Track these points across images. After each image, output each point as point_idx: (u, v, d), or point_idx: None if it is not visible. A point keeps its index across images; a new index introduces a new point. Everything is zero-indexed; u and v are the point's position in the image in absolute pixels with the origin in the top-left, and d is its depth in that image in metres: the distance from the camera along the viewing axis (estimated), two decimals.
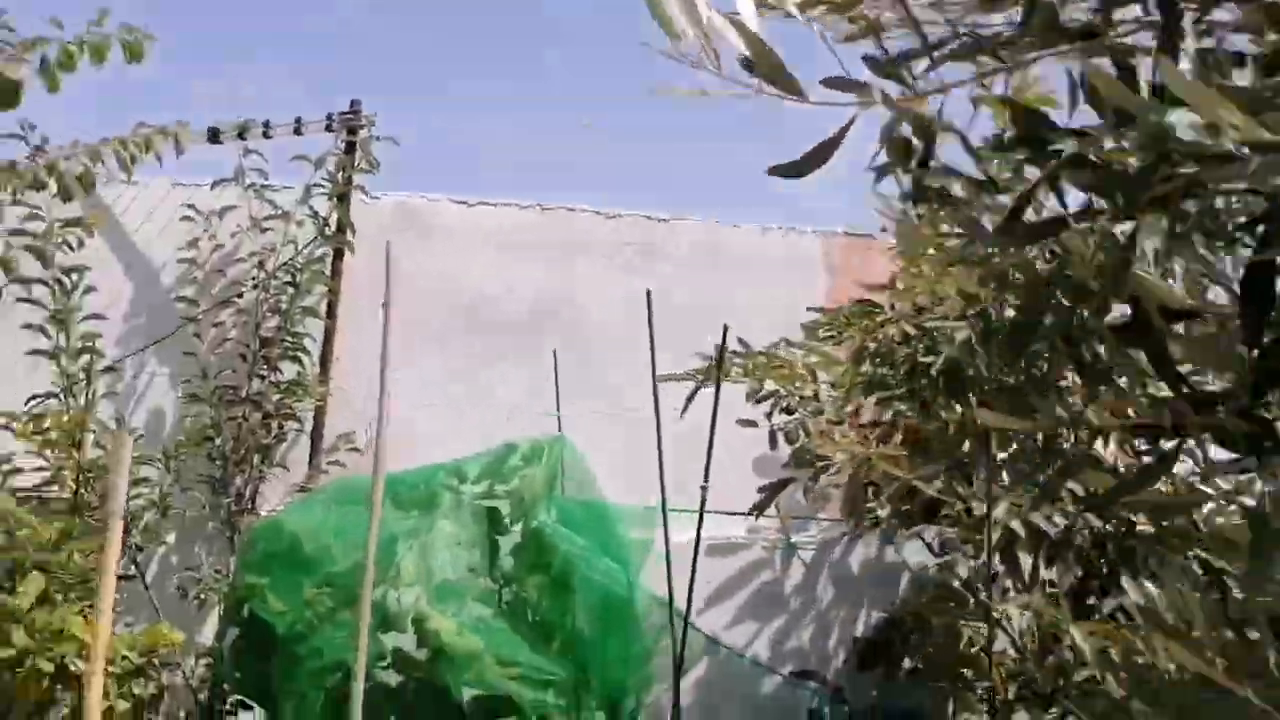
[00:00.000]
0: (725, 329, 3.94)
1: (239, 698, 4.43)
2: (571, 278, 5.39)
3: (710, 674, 4.84)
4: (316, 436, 5.04)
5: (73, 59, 3.97)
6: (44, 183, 4.14)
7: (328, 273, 5.13)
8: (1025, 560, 3.24)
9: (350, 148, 5.24)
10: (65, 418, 4.49)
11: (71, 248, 4.66)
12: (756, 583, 5.05)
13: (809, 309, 4.67)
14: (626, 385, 5.28)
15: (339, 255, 5.20)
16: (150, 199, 5.40)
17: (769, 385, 4.03)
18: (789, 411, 3.94)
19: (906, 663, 4.52)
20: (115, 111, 4.51)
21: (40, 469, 4.67)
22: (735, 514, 4.62)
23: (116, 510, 2.85)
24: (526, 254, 5.42)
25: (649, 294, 4.01)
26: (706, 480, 3.71)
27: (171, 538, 4.93)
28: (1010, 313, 3.82)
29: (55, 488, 4.63)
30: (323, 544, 3.77)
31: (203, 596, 4.65)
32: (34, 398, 4.58)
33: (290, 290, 5.02)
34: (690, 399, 4.06)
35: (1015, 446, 3.70)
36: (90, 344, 4.64)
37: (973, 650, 3.67)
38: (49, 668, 3.94)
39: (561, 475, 3.87)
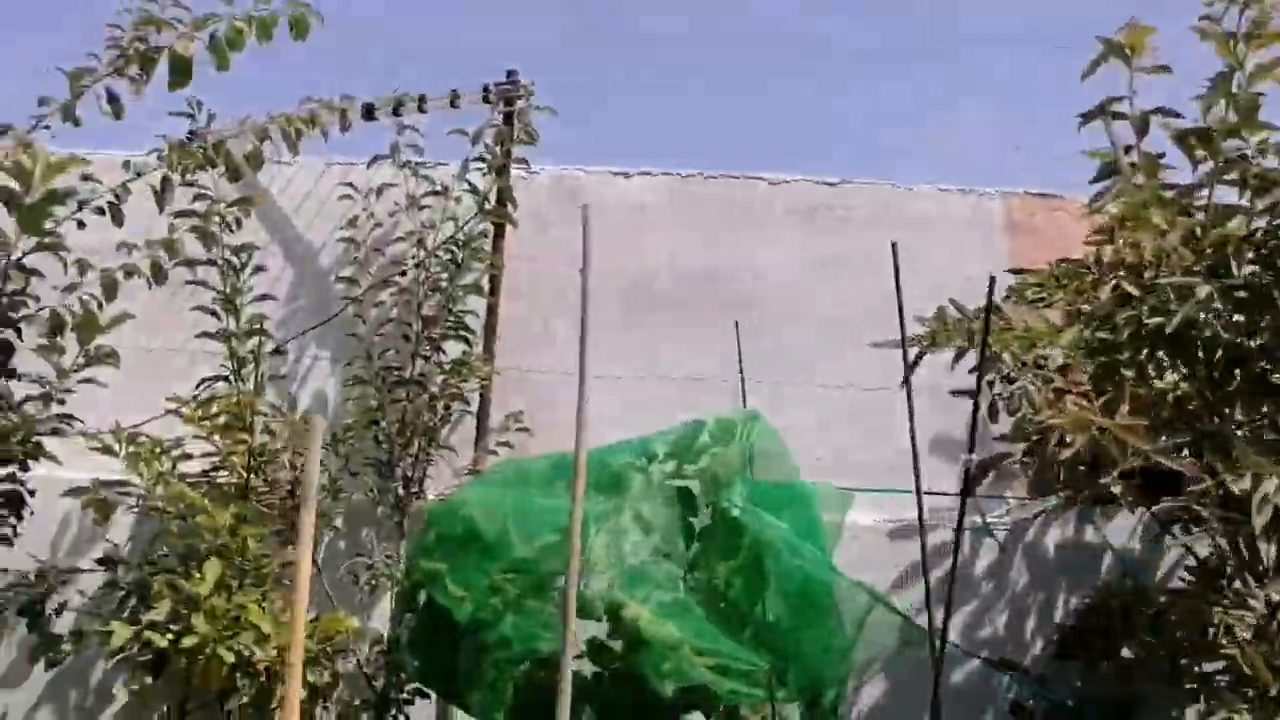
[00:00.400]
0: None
1: (416, 686, 4.31)
2: (742, 247, 5.15)
3: (901, 662, 4.56)
4: (483, 417, 4.89)
5: (241, 36, 3.87)
6: (213, 161, 4.05)
7: (488, 249, 4.97)
8: None
9: (508, 119, 5.07)
10: (234, 401, 4.41)
11: (232, 229, 4.57)
12: (946, 566, 4.74)
13: (1010, 271, 4.36)
14: (810, 356, 5.04)
15: (500, 231, 5.04)
16: (306, 179, 5.32)
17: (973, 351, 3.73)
18: (1009, 380, 3.63)
19: (1125, 652, 4.18)
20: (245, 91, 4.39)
21: (209, 454, 4.62)
22: (940, 494, 4.33)
23: (310, 497, 2.69)
24: (693, 224, 5.20)
25: (894, 247, 3.70)
26: (971, 450, 3.42)
27: (340, 523, 4.83)
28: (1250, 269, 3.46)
29: (224, 473, 4.56)
30: (502, 528, 3.59)
31: (374, 582, 4.54)
32: (203, 381, 4.51)
33: (451, 268, 4.87)
34: (914, 365, 3.77)
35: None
36: (259, 325, 4.55)
37: (1223, 640, 3.33)
38: (230, 657, 3.86)
39: (751, 454, 3.63)
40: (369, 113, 4.92)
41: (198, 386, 4.49)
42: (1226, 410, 3.41)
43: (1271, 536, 3.04)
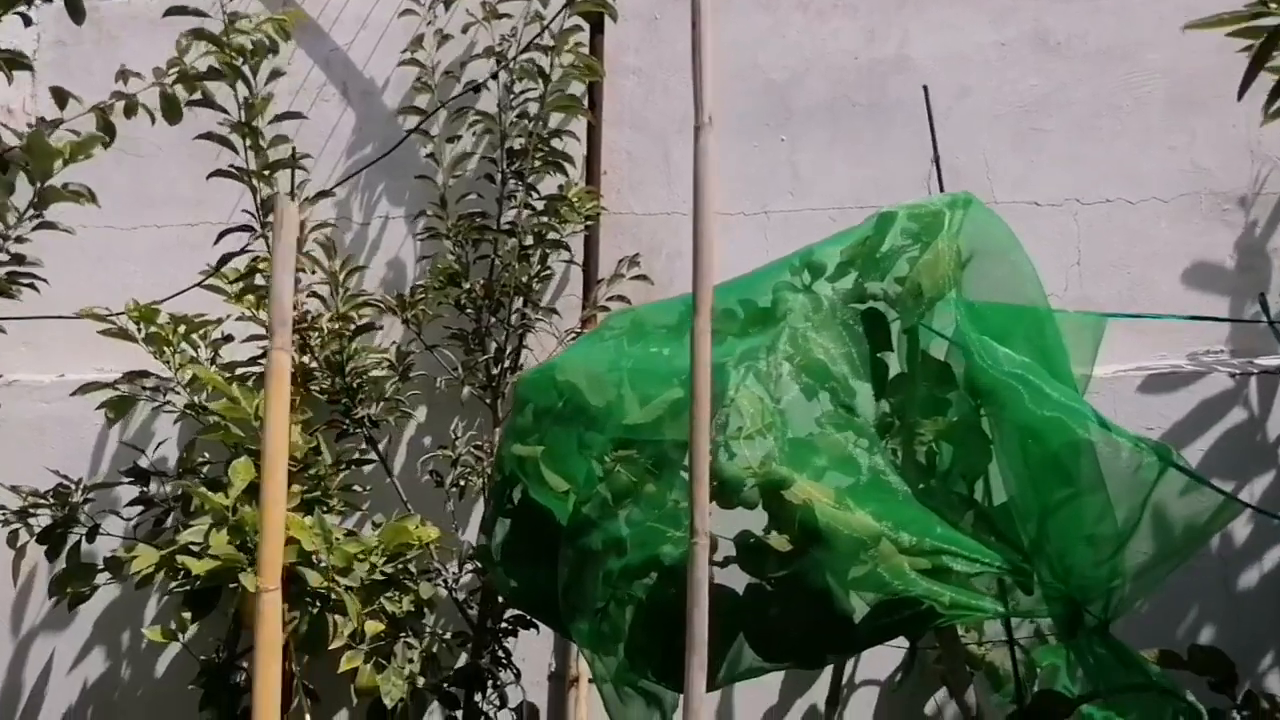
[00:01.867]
0: None
1: (516, 613, 3.32)
2: (905, 36, 3.90)
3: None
4: (590, 266, 3.82)
5: None
6: None
7: (585, 50, 3.85)
8: None
9: None
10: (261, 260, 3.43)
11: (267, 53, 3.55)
12: (1222, 426, 3.51)
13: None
14: (1006, 166, 3.81)
15: (598, 27, 3.92)
16: (361, 5, 4.29)
17: None
18: None
19: None
20: None
21: (258, 337, 3.68)
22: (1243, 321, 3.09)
23: (283, 318, 1.68)
24: (840, 13, 3.97)
25: None
26: None
27: (422, 412, 3.85)
28: None
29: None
30: (614, 393, 2.53)
31: (463, 483, 3.55)
32: (225, 233, 3.53)
33: (540, 81, 3.77)
34: None
35: None
36: (289, 151, 3.53)
37: None
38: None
39: (964, 258, 2.44)
40: None
41: (217, 241, 3.52)
42: None
43: None
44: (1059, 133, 3.78)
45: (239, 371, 3.60)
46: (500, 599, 3.30)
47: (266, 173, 3.38)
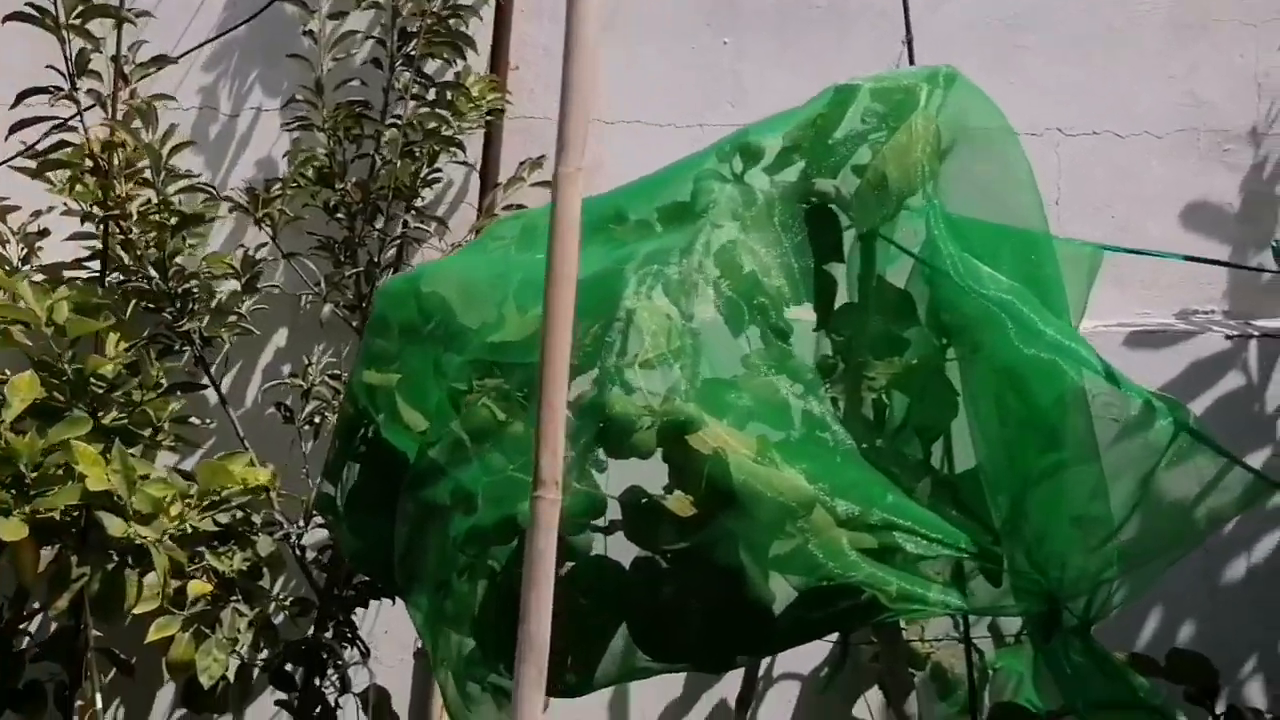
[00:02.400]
0: None
1: (365, 579, 2.75)
2: None
3: None
4: (489, 171, 3.22)
5: None
6: None
7: None
8: None
9: None
10: (92, 139, 2.79)
11: None
12: (1215, 392, 3.03)
13: None
14: (991, 87, 3.27)
15: None
16: None
17: None
18: None
19: None
20: None
21: (84, 236, 3.05)
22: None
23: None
24: None
25: None
26: None
27: (282, 336, 3.24)
28: None
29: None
30: (494, 313, 1.96)
31: (318, 419, 2.95)
32: (27, 93, 2.84)
33: None
34: None
35: None
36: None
37: None
38: (20, 530, 2.29)
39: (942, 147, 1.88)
40: None
41: (15, 104, 2.85)
42: None
43: None
44: (1043, 53, 3.28)
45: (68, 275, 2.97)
46: (347, 561, 2.72)
47: (79, 21, 2.71)
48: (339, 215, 3.10)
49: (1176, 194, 3.18)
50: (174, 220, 2.80)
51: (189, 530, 2.60)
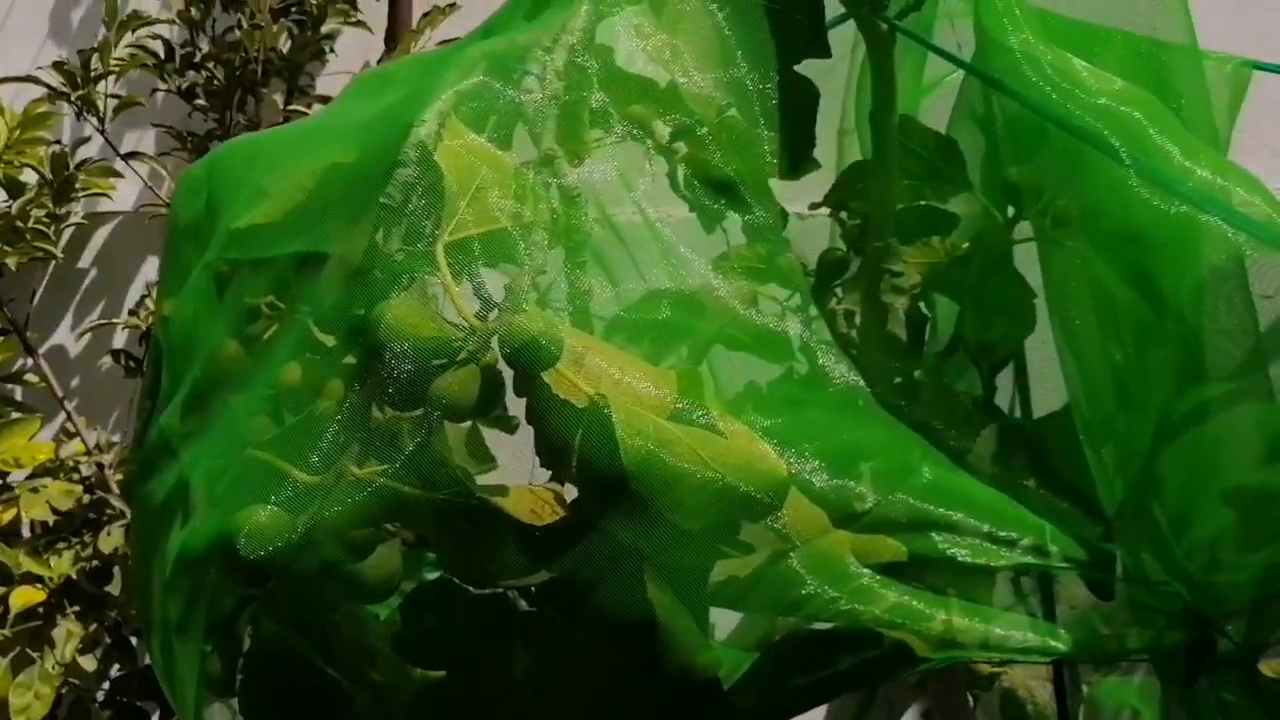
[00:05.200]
0: None
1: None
2: None
3: None
4: (397, 29, 2.46)
5: None
6: None
7: None
8: None
9: None
10: None
11: None
12: None
13: None
14: None
15: None
16: None
17: None
18: None
19: None
20: None
21: None
22: None
23: None
24: None
25: None
26: None
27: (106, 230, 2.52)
28: None
29: None
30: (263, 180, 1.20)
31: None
32: None
33: None
34: None
35: None
36: None
37: None
38: None
39: None
40: None
41: None
42: None
43: None
44: None
45: None
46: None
47: None
48: (198, 101, 2.36)
49: None
50: None
51: None
